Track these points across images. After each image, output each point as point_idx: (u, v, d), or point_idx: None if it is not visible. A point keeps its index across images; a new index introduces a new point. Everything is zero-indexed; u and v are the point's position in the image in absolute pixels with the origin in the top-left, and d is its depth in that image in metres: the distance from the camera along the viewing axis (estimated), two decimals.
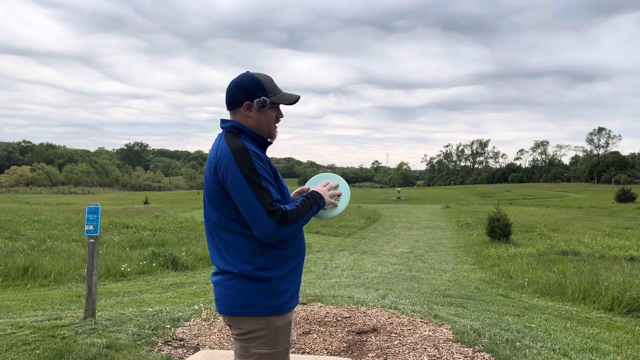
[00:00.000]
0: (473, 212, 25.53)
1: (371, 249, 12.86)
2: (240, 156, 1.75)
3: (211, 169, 1.83)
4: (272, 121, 1.92)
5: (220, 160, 1.78)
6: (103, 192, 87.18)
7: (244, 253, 1.79)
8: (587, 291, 7.37)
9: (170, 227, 16.50)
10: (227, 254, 1.82)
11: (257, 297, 1.78)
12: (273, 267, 1.81)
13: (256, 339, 1.80)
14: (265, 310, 1.79)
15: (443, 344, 3.87)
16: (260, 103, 1.86)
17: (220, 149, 1.82)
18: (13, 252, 10.77)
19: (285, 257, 1.85)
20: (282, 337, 1.84)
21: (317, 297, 5.45)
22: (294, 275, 1.89)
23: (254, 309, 1.78)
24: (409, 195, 55.44)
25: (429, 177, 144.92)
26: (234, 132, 1.87)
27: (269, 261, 1.80)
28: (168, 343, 3.96)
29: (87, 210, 4.73)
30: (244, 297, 1.78)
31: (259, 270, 1.78)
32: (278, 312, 1.81)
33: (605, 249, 11.86)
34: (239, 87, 1.88)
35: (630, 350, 4.46)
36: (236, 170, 1.74)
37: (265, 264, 1.80)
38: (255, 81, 1.88)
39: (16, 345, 3.77)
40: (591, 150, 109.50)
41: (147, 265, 9.99)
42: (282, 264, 1.83)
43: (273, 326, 1.81)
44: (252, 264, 1.78)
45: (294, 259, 1.88)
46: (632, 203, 33.56)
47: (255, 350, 1.81)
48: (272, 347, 1.81)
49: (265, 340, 1.80)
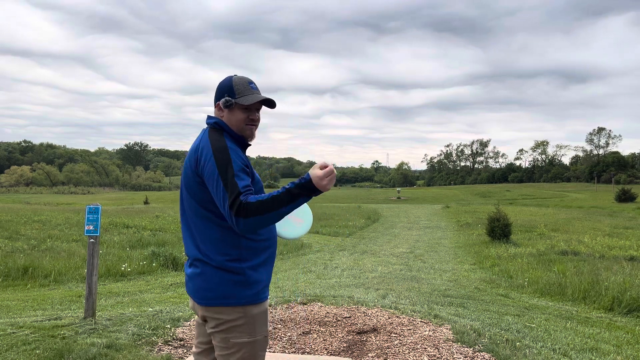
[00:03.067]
0: (473, 212, 25.52)
1: (371, 249, 12.86)
2: (219, 153, 1.85)
3: (192, 161, 1.92)
4: (241, 121, 1.99)
5: (201, 154, 1.89)
6: (103, 192, 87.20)
7: (219, 244, 1.87)
8: (587, 291, 7.37)
9: (170, 227, 16.49)
10: (203, 245, 1.90)
11: (232, 287, 1.86)
12: (246, 258, 1.89)
13: (235, 328, 1.88)
14: (241, 300, 1.87)
15: (443, 344, 3.87)
16: (224, 103, 1.98)
17: (203, 143, 1.92)
18: (13, 252, 10.77)
19: (257, 249, 1.93)
20: (259, 326, 1.92)
21: (317, 297, 5.45)
22: (266, 267, 1.97)
23: (231, 299, 1.87)
24: (409, 195, 55.44)
25: (429, 177, 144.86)
26: (216, 129, 1.98)
27: (242, 253, 1.89)
28: (168, 343, 3.96)
29: (87, 210, 4.73)
30: (220, 288, 1.86)
31: (232, 261, 1.87)
32: (253, 302, 1.90)
33: (605, 249, 11.86)
34: (217, 88, 2.03)
35: (630, 350, 4.46)
36: (213, 165, 1.83)
37: (238, 256, 1.88)
38: (227, 83, 2.01)
39: (16, 345, 3.77)
40: (591, 150, 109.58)
41: (147, 265, 10.00)
42: (254, 256, 1.91)
43: (250, 314, 1.89)
44: (226, 255, 1.87)
45: (265, 251, 1.96)
46: (632, 203, 33.57)
47: (235, 340, 1.88)
48: (251, 336, 1.90)
49: (244, 329, 1.88)
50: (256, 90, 2.02)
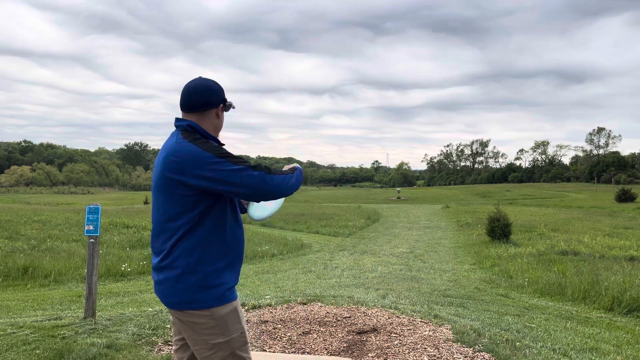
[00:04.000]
0: (473, 212, 25.52)
1: (371, 249, 12.86)
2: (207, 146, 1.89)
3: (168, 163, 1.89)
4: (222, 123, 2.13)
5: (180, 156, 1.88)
6: (103, 192, 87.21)
7: (183, 247, 1.87)
8: (587, 291, 7.37)
9: None
10: (166, 249, 1.90)
11: (195, 291, 1.87)
12: (207, 262, 1.89)
13: (208, 329, 1.89)
14: (205, 304, 1.88)
15: (443, 344, 3.87)
16: (228, 107, 2.11)
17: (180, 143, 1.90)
18: (13, 252, 10.77)
19: (219, 253, 1.92)
20: (232, 324, 1.93)
21: (317, 297, 5.45)
22: (230, 269, 1.96)
23: (196, 303, 1.87)
24: (409, 195, 55.44)
25: (429, 177, 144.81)
26: (189, 131, 1.98)
27: (205, 256, 1.88)
28: (168, 343, 3.96)
29: (87, 210, 4.73)
30: (185, 293, 1.87)
31: (195, 264, 1.87)
32: (218, 304, 1.90)
33: (605, 249, 11.86)
34: (208, 90, 2.08)
35: (630, 350, 4.46)
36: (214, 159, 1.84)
37: (201, 259, 1.88)
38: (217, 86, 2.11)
39: (16, 345, 3.77)
40: (591, 150, 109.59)
41: (147, 265, 10.00)
42: (215, 260, 1.91)
43: (218, 315, 1.89)
44: (190, 258, 1.87)
45: (228, 255, 1.95)
46: (632, 203, 33.56)
47: (212, 341, 1.90)
48: (225, 335, 1.90)
49: (216, 330, 1.90)
50: None
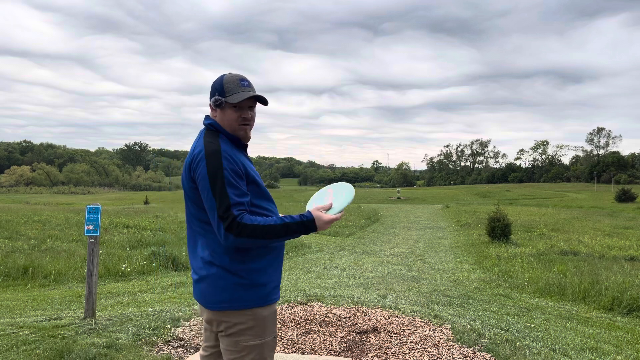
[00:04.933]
0: (473, 212, 25.51)
1: (371, 249, 12.85)
2: (210, 158, 1.80)
3: (186, 167, 1.89)
4: (234, 121, 1.93)
5: (194, 159, 1.85)
6: (103, 192, 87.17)
7: (222, 248, 1.82)
8: (587, 291, 7.37)
9: (170, 227, 16.48)
10: (207, 249, 1.85)
11: (239, 290, 1.82)
12: (250, 261, 1.84)
13: (244, 331, 1.84)
14: (249, 303, 1.83)
15: (443, 344, 3.87)
16: (214, 102, 1.93)
17: (197, 148, 1.87)
18: (13, 252, 10.76)
19: (263, 251, 1.87)
20: (269, 327, 1.89)
21: (317, 297, 5.45)
22: (274, 268, 1.92)
23: (239, 302, 1.82)
24: (409, 195, 55.42)
25: (429, 177, 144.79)
26: (212, 130, 1.93)
27: (247, 255, 1.83)
28: (168, 343, 3.96)
29: (87, 210, 4.73)
30: (226, 292, 1.82)
31: (237, 264, 1.82)
32: (262, 304, 1.85)
33: (605, 249, 11.86)
34: (210, 87, 1.97)
35: (630, 350, 4.46)
36: (204, 170, 1.79)
37: (242, 258, 1.83)
38: (218, 81, 1.95)
39: (16, 345, 3.77)
40: (591, 151, 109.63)
41: (147, 265, 10.00)
42: (258, 258, 1.86)
43: (259, 317, 1.85)
44: (231, 258, 1.82)
45: (271, 252, 1.90)
46: (632, 203, 33.57)
47: (245, 343, 1.84)
48: (261, 338, 1.86)
49: (254, 332, 1.84)
50: (248, 87, 1.93)
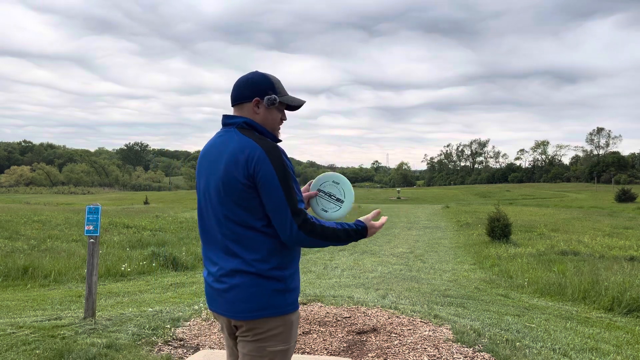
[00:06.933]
0: (473, 212, 25.51)
1: (371, 249, 12.86)
2: (272, 153, 1.75)
3: (237, 164, 1.75)
4: (277, 122, 1.91)
5: (251, 156, 1.74)
6: (103, 192, 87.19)
7: (262, 252, 1.77)
8: (587, 291, 7.37)
9: (170, 227, 16.50)
10: (245, 254, 1.77)
11: (275, 296, 1.78)
12: (286, 266, 1.81)
13: (274, 337, 1.80)
14: (283, 309, 1.80)
15: (443, 344, 3.87)
16: (270, 100, 1.84)
17: (247, 145, 1.76)
18: (13, 252, 10.77)
19: (294, 256, 1.87)
20: (294, 333, 1.88)
21: (317, 297, 5.45)
22: (298, 273, 1.92)
23: (273, 309, 1.78)
24: (409, 195, 55.44)
25: (429, 177, 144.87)
26: (246, 129, 1.84)
27: (283, 260, 1.80)
28: (168, 343, 3.96)
29: (87, 210, 4.73)
30: (263, 299, 1.76)
31: (274, 269, 1.78)
32: (293, 309, 1.84)
33: (605, 249, 11.86)
34: (249, 83, 1.87)
35: (630, 350, 4.46)
36: (269, 168, 1.73)
37: (279, 263, 1.79)
38: (266, 79, 1.88)
39: (16, 345, 3.77)
40: (591, 151, 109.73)
41: (147, 265, 10.00)
42: (291, 263, 1.85)
43: (289, 322, 1.83)
44: (269, 263, 1.77)
45: (298, 258, 1.91)
46: (632, 203, 33.60)
47: (271, 349, 1.79)
48: (287, 343, 1.83)
49: (282, 337, 1.81)
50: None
